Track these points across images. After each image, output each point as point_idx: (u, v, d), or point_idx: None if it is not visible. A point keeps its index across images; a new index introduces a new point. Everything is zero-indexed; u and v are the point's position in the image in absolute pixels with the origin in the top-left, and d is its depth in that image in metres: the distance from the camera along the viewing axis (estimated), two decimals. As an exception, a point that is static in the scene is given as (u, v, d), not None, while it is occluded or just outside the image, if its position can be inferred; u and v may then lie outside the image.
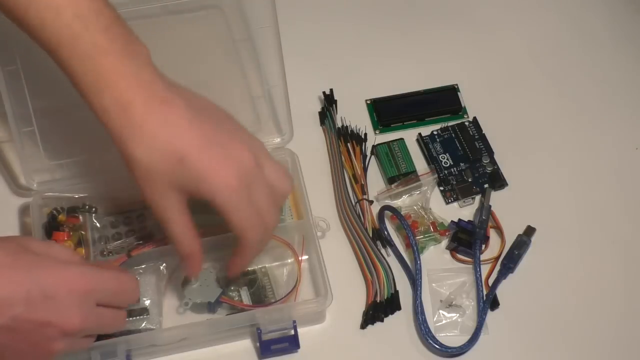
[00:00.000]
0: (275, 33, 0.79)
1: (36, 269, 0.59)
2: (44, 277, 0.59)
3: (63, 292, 0.59)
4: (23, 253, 0.60)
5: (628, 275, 0.83)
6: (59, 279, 0.59)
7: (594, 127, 0.92)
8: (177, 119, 0.61)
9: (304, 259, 0.80)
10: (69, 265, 0.61)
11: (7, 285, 0.57)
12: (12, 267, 0.58)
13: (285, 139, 0.84)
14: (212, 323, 0.75)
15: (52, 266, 0.60)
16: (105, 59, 0.60)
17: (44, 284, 0.58)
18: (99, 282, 0.63)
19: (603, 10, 1.02)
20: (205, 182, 0.62)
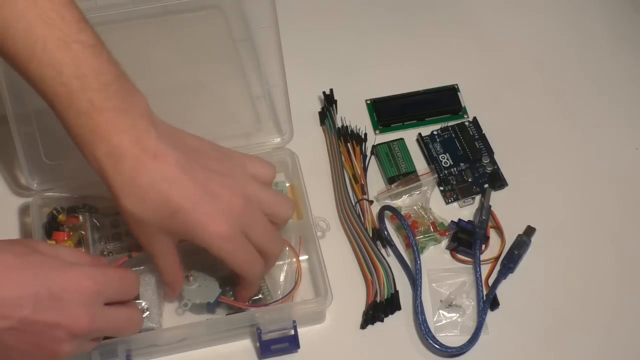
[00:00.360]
0: (275, 33, 0.79)
1: (44, 271, 0.59)
2: (52, 278, 0.59)
3: (71, 293, 0.59)
4: (31, 255, 0.60)
5: (628, 275, 0.83)
6: (67, 280, 0.59)
7: (594, 127, 0.92)
8: (169, 172, 0.63)
9: (303, 259, 0.80)
10: (76, 267, 0.61)
11: (15, 287, 0.57)
12: (20, 269, 0.58)
13: (285, 139, 0.84)
14: (212, 323, 0.75)
15: (59, 267, 0.60)
16: (99, 116, 0.62)
17: (52, 285, 0.58)
18: (106, 282, 0.63)
19: (602, 10, 1.02)
20: (198, 235, 0.65)
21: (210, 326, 0.75)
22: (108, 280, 0.63)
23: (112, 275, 0.64)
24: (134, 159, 0.62)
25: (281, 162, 0.84)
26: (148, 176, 0.62)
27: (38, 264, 0.59)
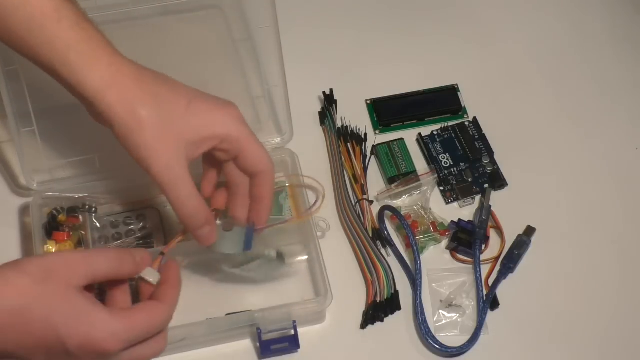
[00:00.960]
0: (275, 33, 0.79)
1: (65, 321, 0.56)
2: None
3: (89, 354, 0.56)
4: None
5: (628, 275, 0.83)
6: (86, 339, 0.56)
7: (594, 127, 0.92)
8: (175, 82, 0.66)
9: (303, 259, 0.80)
10: (99, 322, 0.57)
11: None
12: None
13: (285, 139, 0.84)
14: (212, 323, 0.75)
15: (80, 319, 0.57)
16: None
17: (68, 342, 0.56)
18: (129, 340, 0.58)
19: (602, 10, 1.02)
20: (216, 121, 0.66)
21: (210, 326, 0.75)
22: (132, 337, 0.58)
23: (138, 330, 0.58)
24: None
25: (281, 162, 0.84)
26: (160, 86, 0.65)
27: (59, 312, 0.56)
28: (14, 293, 0.54)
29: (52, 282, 0.54)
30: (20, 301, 0.53)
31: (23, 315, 0.53)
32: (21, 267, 0.55)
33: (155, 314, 0.59)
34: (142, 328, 0.58)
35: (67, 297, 0.55)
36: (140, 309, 0.59)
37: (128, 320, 0.57)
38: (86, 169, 0.80)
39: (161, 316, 0.60)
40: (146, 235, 0.80)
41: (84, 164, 0.80)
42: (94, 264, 0.57)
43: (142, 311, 0.59)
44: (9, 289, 0.54)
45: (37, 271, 0.55)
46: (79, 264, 0.56)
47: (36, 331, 0.54)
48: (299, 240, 0.81)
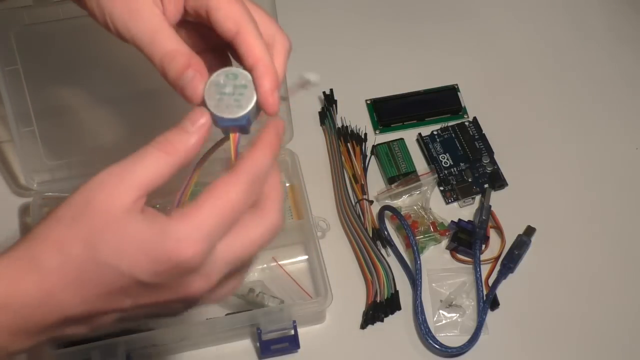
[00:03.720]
0: (276, 33, 0.79)
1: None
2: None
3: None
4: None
5: (628, 275, 0.83)
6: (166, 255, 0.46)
7: (594, 127, 0.92)
8: None
9: (303, 259, 0.81)
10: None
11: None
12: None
13: (285, 139, 0.84)
14: (212, 323, 0.75)
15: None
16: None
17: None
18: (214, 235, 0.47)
19: (602, 10, 1.02)
20: None
21: (210, 326, 0.75)
22: (211, 230, 0.46)
23: (213, 219, 0.46)
24: None
25: (281, 162, 0.84)
26: None
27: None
28: (51, 249, 0.45)
29: (87, 216, 0.45)
30: (58, 255, 0.45)
31: (68, 269, 0.45)
32: (50, 215, 0.46)
33: (226, 191, 0.46)
34: (216, 215, 0.46)
35: (108, 225, 0.45)
36: (205, 195, 0.46)
37: (197, 214, 0.45)
38: (86, 169, 0.80)
39: (235, 190, 0.47)
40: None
41: (83, 164, 0.80)
42: (134, 175, 0.46)
43: (209, 196, 0.46)
44: (45, 244, 0.45)
45: (66, 212, 0.45)
46: (114, 183, 0.45)
47: (93, 278, 0.45)
48: (299, 240, 0.81)
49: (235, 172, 0.47)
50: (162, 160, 0.46)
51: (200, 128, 0.48)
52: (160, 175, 0.46)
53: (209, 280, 0.47)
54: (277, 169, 0.50)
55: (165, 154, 0.46)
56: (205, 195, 0.46)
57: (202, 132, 0.48)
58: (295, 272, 0.80)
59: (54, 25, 0.73)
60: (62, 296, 0.45)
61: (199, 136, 0.48)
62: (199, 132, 0.48)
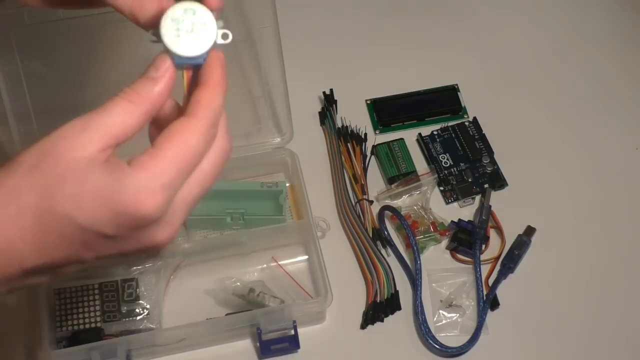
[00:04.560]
0: (275, 33, 0.79)
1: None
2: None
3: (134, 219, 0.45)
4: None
5: (628, 275, 0.83)
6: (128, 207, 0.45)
7: (594, 127, 0.92)
8: None
9: (303, 259, 0.81)
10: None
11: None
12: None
13: (285, 139, 0.84)
14: (212, 323, 0.75)
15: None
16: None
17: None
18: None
19: (602, 10, 1.02)
20: None
21: (210, 326, 0.75)
22: (170, 181, 0.45)
23: (174, 169, 0.45)
24: None
25: (281, 162, 0.84)
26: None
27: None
28: (6, 196, 0.43)
29: (46, 164, 0.43)
30: (15, 203, 0.43)
31: (25, 219, 0.43)
32: (9, 162, 0.44)
33: (185, 138, 0.45)
34: (176, 164, 0.44)
35: (66, 174, 0.43)
36: (163, 141, 0.45)
37: (155, 163, 0.44)
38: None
39: (195, 137, 0.45)
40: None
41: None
42: (99, 124, 0.44)
43: (168, 142, 0.45)
44: (0, 193, 0.43)
45: (24, 159, 0.44)
46: (77, 132, 0.44)
47: (51, 230, 0.43)
48: (299, 240, 0.81)
49: (194, 116, 0.45)
50: (129, 110, 0.45)
51: (165, 73, 0.46)
52: (128, 125, 0.45)
53: (172, 227, 0.46)
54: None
55: (131, 103, 0.45)
56: (164, 141, 0.45)
57: (167, 78, 0.46)
58: (295, 272, 0.80)
59: (54, 25, 0.73)
60: (20, 247, 0.43)
61: (165, 82, 0.46)
62: (164, 78, 0.46)
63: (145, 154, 0.44)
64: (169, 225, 0.46)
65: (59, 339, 0.74)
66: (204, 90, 0.46)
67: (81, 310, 0.74)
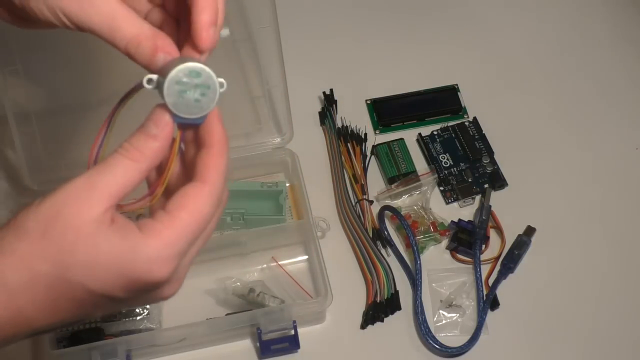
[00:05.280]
0: (275, 33, 0.79)
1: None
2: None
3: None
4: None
5: (628, 275, 0.83)
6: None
7: (594, 127, 0.92)
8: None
9: (303, 259, 0.81)
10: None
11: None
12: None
13: (285, 139, 0.84)
14: (212, 323, 0.75)
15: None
16: None
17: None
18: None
19: (602, 10, 1.02)
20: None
21: (210, 326, 0.75)
22: (182, 249, 0.46)
23: (186, 237, 0.46)
24: None
25: (281, 162, 0.84)
26: None
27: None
28: (18, 265, 0.43)
29: (57, 231, 0.43)
30: (27, 272, 0.43)
31: (37, 288, 0.44)
32: (16, 227, 0.44)
33: (200, 205, 0.46)
34: (190, 232, 0.46)
35: (78, 241, 0.43)
36: (177, 208, 0.45)
37: (170, 232, 0.45)
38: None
39: (208, 204, 0.46)
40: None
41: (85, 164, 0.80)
42: (104, 185, 0.45)
43: (183, 211, 0.45)
44: (11, 260, 0.43)
45: (33, 225, 0.44)
46: (84, 195, 0.44)
47: (63, 296, 0.44)
48: (299, 240, 0.81)
49: (207, 182, 0.47)
50: (130, 168, 0.46)
51: (164, 129, 0.47)
52: (130, 182, 0.46)
53: (179, 283, 0.47)
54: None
55: (133, 162, 0.46)
56: (178, 208, 0.45)
57: (166, 134, 0.47)
58: (295, 272, 0.80)
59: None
60: (31, 313, 0.44)
61: (164, 138, 0.47)
62: (163, 134, 0.47)
63: (157, 221, 0.45)
64: (177, 282, 0.47)
65: (59, 339, 0.74)
66: (212, 154, 0.47)
67: (81, 310, 0.74)
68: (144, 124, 0.47)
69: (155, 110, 0.47)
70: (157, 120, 0.47)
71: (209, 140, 0.48)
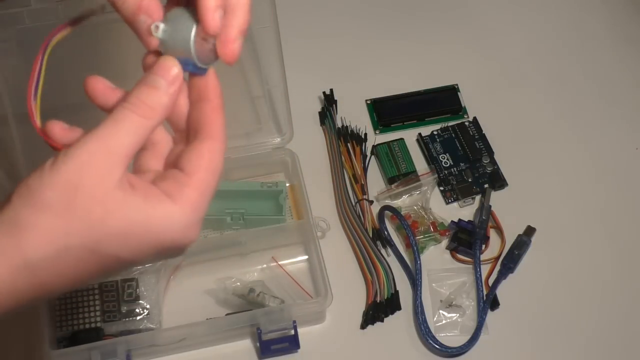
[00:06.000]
0: (275, 33, 0.79)
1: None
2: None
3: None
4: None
5: (628, 275, 0.83)
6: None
7: (594, 127, 0.92)
8: None
9: (303, 259, 0.81)
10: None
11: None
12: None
13: (285, 139, 0.84)
14: (212, 323, 0.75)
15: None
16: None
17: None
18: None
19: (602, 10, 1.02)
20: None
21: (210, 326, 0.75)
22: (205, 205, 0.46)
23: (208, 194, 0.46)
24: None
25: (281, 162, 0.84)
26: None
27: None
28: (41, 241, 0.41)
29: (80, 203, 0.41)
30: (52, 248, 0.41)
31: (63, 264, 0.42)
32: (32, 199, 0.42)
33: (215, 162, 0.46)
34: (211, 191, 0.45)
35: (109, 213, 0.42)
36: (197, 168, 0.45)
37: (196, 195, 0.44)
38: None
39: (221, 160, 0.46)
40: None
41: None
42: (118, 147, 0.43)
43: (202, 171, 0.45)
44: (33, 236, 0.41)
45: (53, 197, 0.41)
46: (100, 160, 0.42)
47: (91, 267, 0.43)
48: (299, 240, 0.81)
49: (217, 138, 0.46)
50: (142, 126, 0.44)
51: (174, 83, 0.45)
52: (141, 141, 0.44)
53: (198, 233, 0.46)
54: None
55: (144, 119, 0.44)
56: (197, 167, 0.45)
57: (176, 88, 0.45)
58: (295, 272, 0.80)
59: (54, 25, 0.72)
60: (54, 285, 0.43)
61: (174, 93, 0.45)
62: (174, 87, 0.45)
63: (182, 184, 0.44)
64: (197, 234, 0.46)
65: (59, 339, 0.74)
66: (215, 108, 0.47)
67: (81, 310, 0.74)
68: (151, 77, 0.45)
69: (164, 62, 0.45)
70: (166, 74, 0.45)
71: (210, 95, 0.47)
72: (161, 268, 0.77)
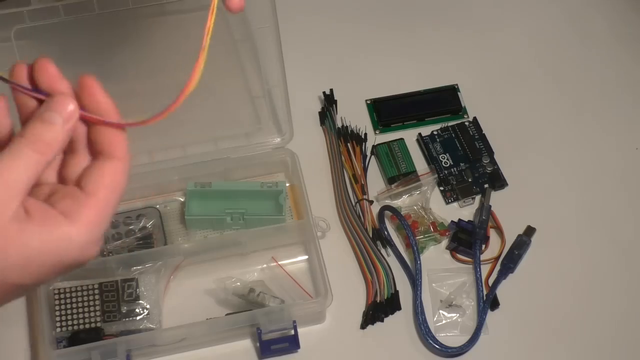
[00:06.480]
0: (275, 33, 0.79)
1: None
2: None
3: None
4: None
5: (628, 275, 0.83)
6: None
7: (594, 127, 0.92)
8: None
9: (303, 259, 0.81)
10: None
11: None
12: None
13: (285, 139, 0.85)
14: (212, 323, 0.75)
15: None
16: None
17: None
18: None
19: (603, 9, 1.02)
20: None
21: (210, 326, 0.75)
22: (105, 225, 0.47)
23: (108, 214, 0.47)
24: None
25: (281, 162, 0.84)
26: None
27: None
28: None
29: None
30: None
31: None
32: None
33: (117, 181, 0.47)
34: (112, 208, 0.47)
35: (7, 244, 0.43)
36: (98, 187, 0.46)
37: (95, 213, 0.45)
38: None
39: (124, 179, 0.47)
40: (146, 235, 0.80)
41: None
42: (15, 182, 0.44)
43: (103, 189, 0.46)
44: None
45: None
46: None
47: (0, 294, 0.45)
48: (299, 240, 0.81)
49: (118, 157, 0.47)
50: (38, 161, 0.45)
51: (71, 117, 0.46)
52: (38, 174, 0.45)
53: (99, 248, 0.47)
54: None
55: (40, 154, 0.45)
56: (97, 187, 0.46)
57: (73, 121, 0.46)
58: (295, 272, 0.80)
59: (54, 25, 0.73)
60: None
61: (70, 127, 0.46)
62: (70, 123, 0.46)
63: (80, 204, 0.45)
64: (98, 246, 0.47)
65: (59, 339, 0.74)
66: (114, 130, 0.47)
67: (81, 310, 0.74)
68: (47, 114, 0.46)
69: (60, 98, 0.46)
70: (62, 110, 0.46)
71: (111, 113, 0.47)
72: (161, 268, 0.77)
